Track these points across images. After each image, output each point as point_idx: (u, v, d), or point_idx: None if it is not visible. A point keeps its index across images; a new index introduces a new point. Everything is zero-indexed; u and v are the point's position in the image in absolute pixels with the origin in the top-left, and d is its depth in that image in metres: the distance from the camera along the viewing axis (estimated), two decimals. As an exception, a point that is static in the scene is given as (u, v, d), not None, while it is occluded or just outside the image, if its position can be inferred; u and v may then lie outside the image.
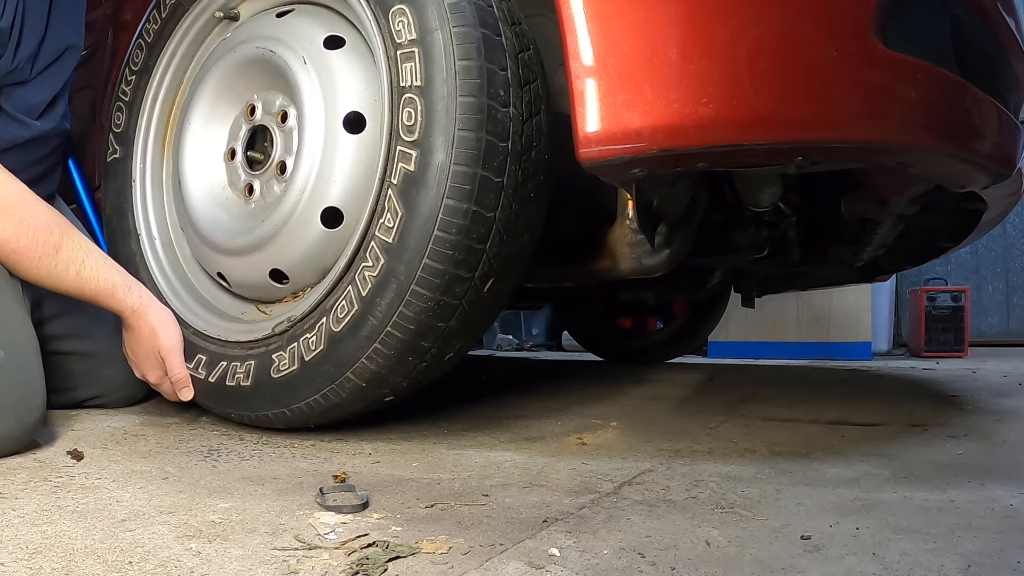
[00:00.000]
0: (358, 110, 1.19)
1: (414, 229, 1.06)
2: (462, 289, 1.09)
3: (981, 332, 4.52)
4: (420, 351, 1.12)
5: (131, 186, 1.46)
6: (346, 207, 1.18)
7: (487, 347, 4.64)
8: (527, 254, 1.21)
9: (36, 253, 1.14)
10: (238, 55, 1.34)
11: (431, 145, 1.06)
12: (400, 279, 1.07)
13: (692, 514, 0.85)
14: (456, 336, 1.14)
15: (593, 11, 0.98)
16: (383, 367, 1.11)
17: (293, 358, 1.16)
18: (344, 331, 1.12)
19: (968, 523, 0.82)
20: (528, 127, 1.13)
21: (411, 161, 1.07)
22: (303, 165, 1.19)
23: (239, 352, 1.23)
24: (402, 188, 1.08)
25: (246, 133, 1.33)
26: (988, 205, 1.48)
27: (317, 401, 1.15)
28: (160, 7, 1.47)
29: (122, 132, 1.49)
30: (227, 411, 1.26)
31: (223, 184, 1.34)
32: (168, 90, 1.47)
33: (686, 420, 1.46)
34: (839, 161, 1.16)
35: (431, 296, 1.07)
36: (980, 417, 1.51)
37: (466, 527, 0.80)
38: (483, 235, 1.08)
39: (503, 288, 1.17)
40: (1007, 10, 1.32)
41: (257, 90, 1.32)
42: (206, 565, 0.68)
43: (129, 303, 1.24)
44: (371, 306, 1.09)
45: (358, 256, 1.12)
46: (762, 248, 1.66)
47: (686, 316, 2.66)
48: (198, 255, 1.39)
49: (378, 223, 1.10)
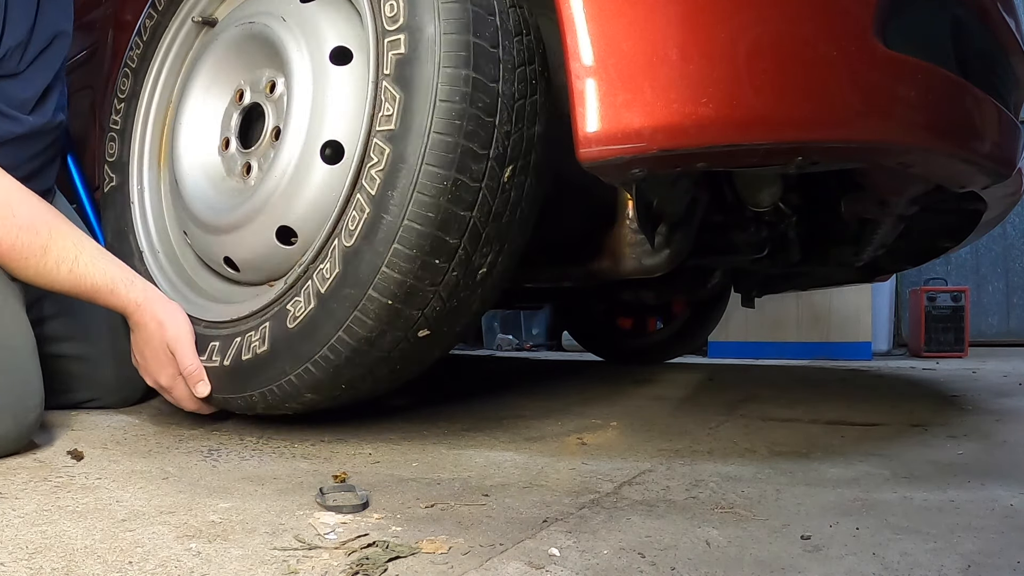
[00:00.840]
0: (342, 44, 1.19)
1: (415, 106, 1.02)
2: (479, 168, 1.05)
3: (981, 332, 4.52)
4: (447, 251, 1.05)
5: (130, 209, 1.45)
6: (345, 138, 1.15)
7: (487, 347, 4.65)
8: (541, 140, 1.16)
9: (22, 254, 1.11)
10: (220, 44, 1.35)
11: (419, 23, 1.05)
12: (409, 161, 1.02)
13: (692, 514, 0.85)
14: (485, 238, 1.08)
15: (593, 11, 0.98)
16: (408, 273, 1.04)
17: (308, 297, 1.09)
18: (358, 241, 1.05)
19: (968, 523, 0.82)
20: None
21: (401, 45, 1.05)
22: (295, 108, 1.17)
23: (253, 322, 1.18)
24: (396, 74, 1.05)
25: (238, 119, 1.33)
26: (988, 205, 1.48)
27: (342, 340, 1.07)
28: (141, 32, 1.48)
29: (116, 160, 1.48)
30: (248, 395, 1.18)
31: (222, 175, 1.34)
32: (158, 109, 1.47)
33: (686, 420, 1.46)
34: (839, 161, 1.16)
35: (445, 174, 1.02)
36: (980, 417, 1.51)
37: (466, 527, 0.80)
38: (489, 107, 1.05)
39: (525, 183, 1.12)
40: (1007, 10, 1.32)
41: (243, 74, 1.32)
42: (206, 565, 0.68)
43: (132, 297, 1.19)
44: (383, 203, 1.03)
45: (363, 161, 1.06)
46: (762, 248, 1.66)
47: (686, 316, 2.66)
48: (203, 248, 1.37)
49: (377, 116, 1.05)
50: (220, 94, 1.36)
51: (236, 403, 1.22)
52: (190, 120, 1.38)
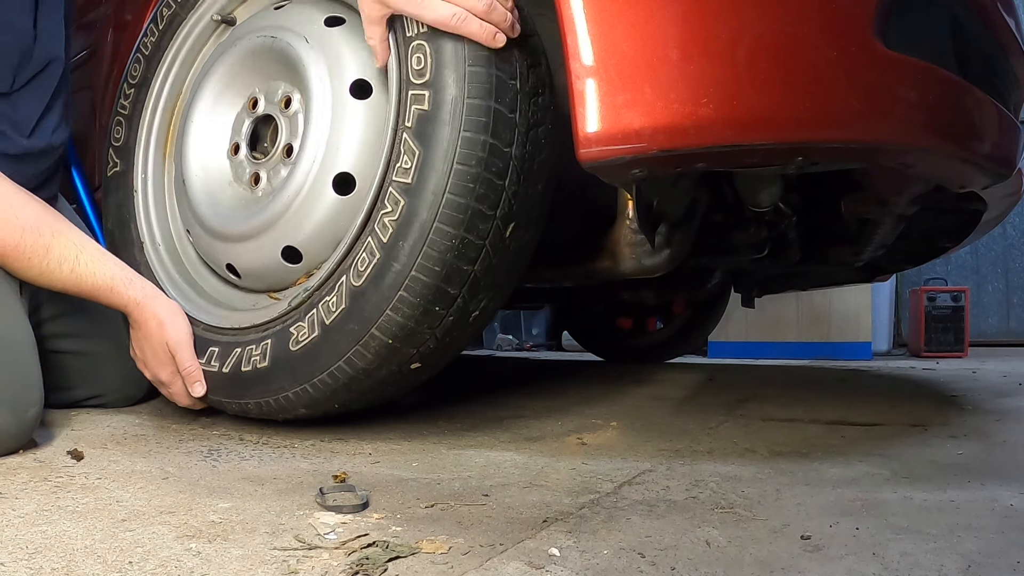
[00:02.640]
0: (363, 77, 1.20)
1: (433, 166, 1.06)
2: (485, 228, 1.09)
3: (981, 332, 4.52)
4: (447, 300, 1.10)
5: (133, 197, 1.45)
6: (358, 172, 1.18)
7: (487, 347, 4.65)
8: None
9: (25, 254, 1.14)
10: (238, 50, 1.35)
11: (445, 83, 1.07)
12: (423, 217, 1.06)
13: (692, 514, 0.85)
14: (483, 288, 1.13)
15: (593, 11, 0.98)
16: (409, 318, 1.09)
17: (313, 325, 1.13)
18: (366, 283, 1.09)
19: (968, 523, 0.82)
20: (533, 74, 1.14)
21: (424, 102, 1.08)
22: (312, 133, 1.19)
23: (254, 336, 1.21)
24: (417, 129, 1.08)
25: (249, 126, 1.34)
26: (988, 205, 1.48)
27: (341, 369, 1.12)
28: (157, 20, 1.48)
29: (122, 145, 1.48)
30: (243, 402, 1.22)
31: (229, 180, 1.35)
32: (168, 99, 1.47)
33: (686, 420, 1.46)
34: (839, 161, 1.16)
35: (455, 233, 1.06)
36: (980, 417, 1.52)
37: (466, 527, 0.80)
38: (502, 171, 1.09)
39: (523, 237, 1.16)
40: (1007, 10, 1.32)
41: (258, 83, 1.33)
42: (206, 565, 0.68)
43: (132, 296, 1.22)
44: (393, 251, 1.08)
45: (377, 205, 1.10)
46: (762, 248, 1.66)
47: (686, 316, 2.66)
48: (206, 251, 1.37)
49: (394, 165, 1.09)
50: (233, 99, 1.37)
51: (231, 407, 1.26)
52: (200, 119, 1.38)
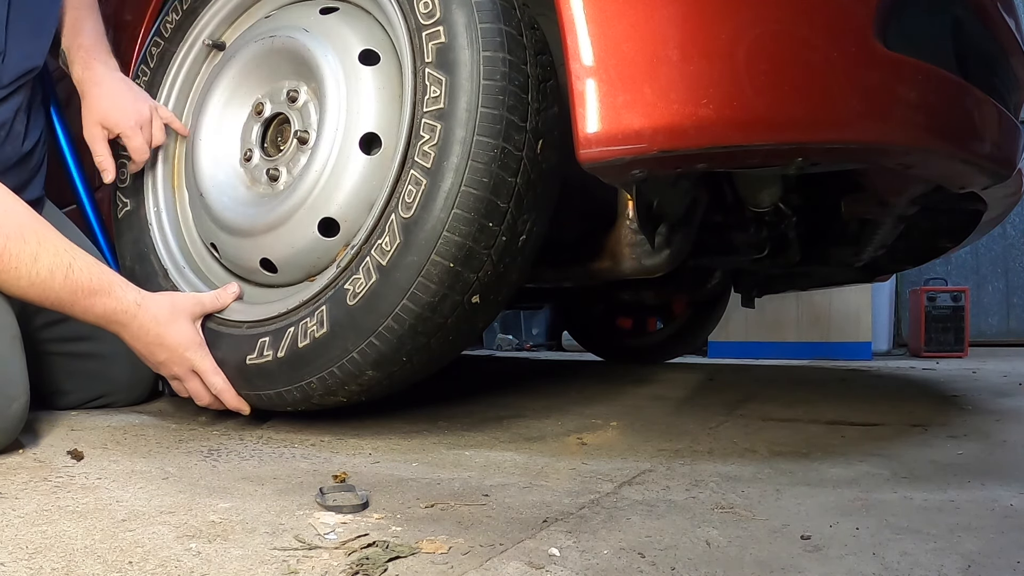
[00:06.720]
0: (369, 47, 1.25)
1: (461, 86, 1.11)
2: (520, 139, 1.13)
3: (981, 332, 4.52)
4: (498, 214, 1.12)
5: (149, 231, 1.47)
6: (381, 128, 1.22)
7: (487, 347, 4.65)
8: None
9: (11, 264, 1.08)
10: (236, 63, 1.39)
11: (455, 15, 1.14)
12: (461, 133, 1.10)
13: (692, 514, 0.85)
14: (526, 205, 1.15)
15: (593, 12, 0.98)
16: (467, 236, 1.10)
17: (369, 272, 1.13)
18: (417, 212, 1.11)
19: (968, 523, 0.82)
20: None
21: (440, 35, 1.14)
22: (330, 107, 1.23)
23: (306, 310, 1.19)
24: (438, 60, 1.13)
25: (259, 131, 1.37)
26: (988, 205, 1.48)
27: (406, 307, 1.11)
28: (147, 60, 1.52)
29: (129, 186, 1.51)
30: (305, 383, 1.19)
31: (247, 184, 1.37)
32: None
33: (686, 420, 1.46)
34: (839, 162, 1.16)
35: (495, 143, 1.10)
36: (980, 417, 1.52)
37: (466, 527, 0.80)
38: (523, 85, 1.14)
39: (551, 157, 1.19)
40: (1007, 10, 1.32)
41: (260, 89, 1.36)
42: (206, 565, 0.68)
43: (132, 298, 1.19)
44: (439, 173, 1.10)
45: (411, 141, 1.13)
46: (762, 248, 1.66)
47: (686, 316, 2.66)
48: (237, 256, 1.36)
49: (423, 99, 1.14)
50: (238, 109, 1.40)
51: (291, 396, 1.22)
52: (208, 138, 1.41)
